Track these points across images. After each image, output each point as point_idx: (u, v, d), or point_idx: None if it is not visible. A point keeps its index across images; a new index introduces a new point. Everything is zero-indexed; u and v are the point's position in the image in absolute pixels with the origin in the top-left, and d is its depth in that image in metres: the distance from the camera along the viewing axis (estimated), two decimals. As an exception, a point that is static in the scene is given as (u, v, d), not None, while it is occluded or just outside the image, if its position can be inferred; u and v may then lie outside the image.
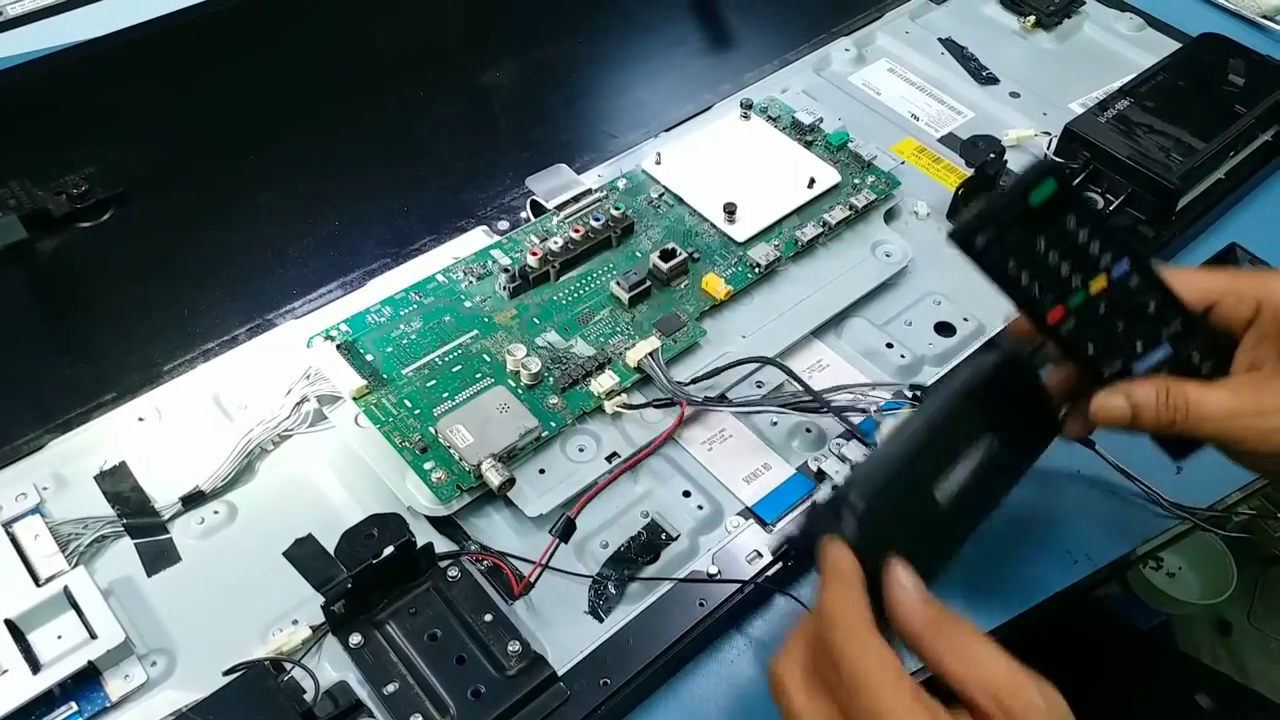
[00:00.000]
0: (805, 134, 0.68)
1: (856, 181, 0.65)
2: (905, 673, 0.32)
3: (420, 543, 0.46)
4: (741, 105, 0.69)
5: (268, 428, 0.53)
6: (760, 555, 0.49)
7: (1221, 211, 0.69)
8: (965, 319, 0.60)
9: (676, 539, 0.50)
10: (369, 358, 0.54)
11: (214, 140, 0.70)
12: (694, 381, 0.54)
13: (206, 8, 0.77)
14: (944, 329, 0.59)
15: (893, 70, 0.77)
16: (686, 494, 0.52)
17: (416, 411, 0.52)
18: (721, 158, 0.66)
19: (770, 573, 0.49)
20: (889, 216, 0.65)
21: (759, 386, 0.56)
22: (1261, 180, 0.72)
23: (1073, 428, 0.43)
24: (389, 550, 0.44)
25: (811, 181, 0.64)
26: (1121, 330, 0.38)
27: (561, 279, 0.59)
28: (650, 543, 0.50)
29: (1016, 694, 0.31)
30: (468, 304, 0.57)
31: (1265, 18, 0.85)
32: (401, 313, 0.56)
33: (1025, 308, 0.37)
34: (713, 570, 0.48)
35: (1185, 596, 1.07)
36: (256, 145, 0.70)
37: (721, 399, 0.54)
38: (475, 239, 0.63)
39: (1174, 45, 0.79)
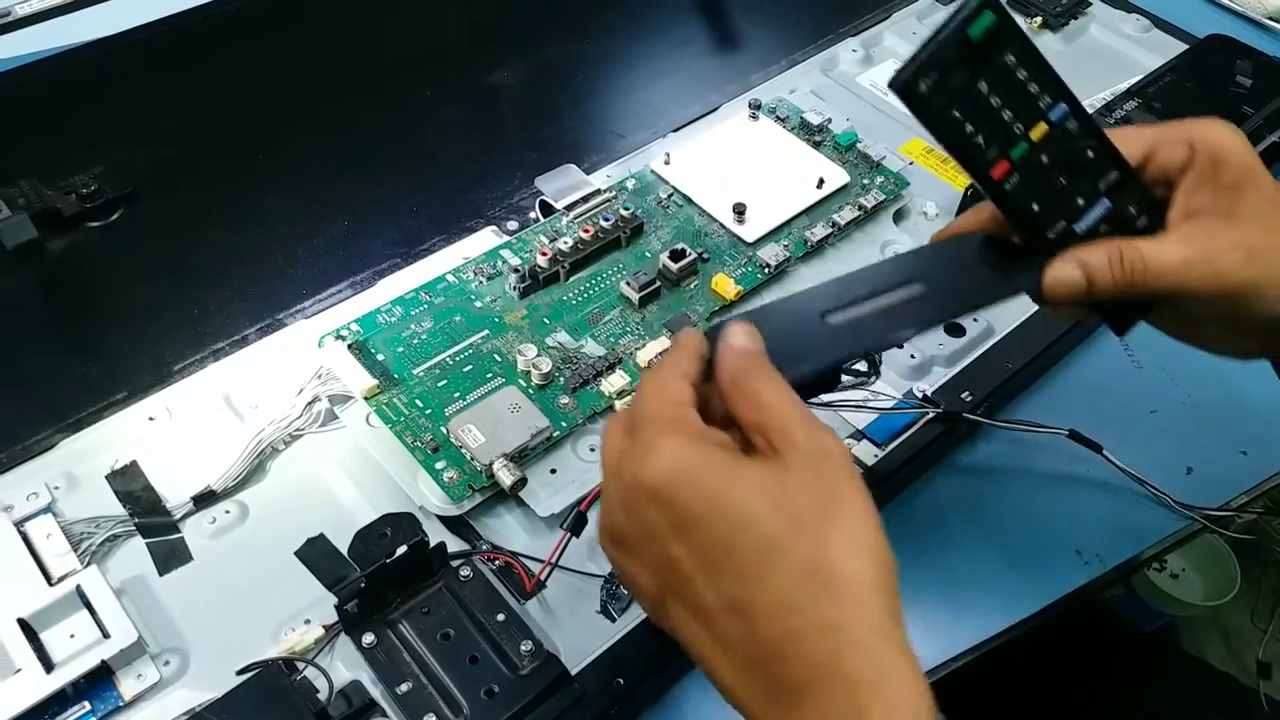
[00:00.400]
0: (814, 134, 0.68)
1: (865, 182, 0.66)
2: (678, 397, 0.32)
3: (433, 542, 0.46)
4: (750, 106, 0.69)
5: (279, 427, 0.53)
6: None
7: (1230, 213, 0.69)
8: (974, 319, 0.60)
9: (688, 539, 0.50)
10: (380, 357, 0.54)
11: (223, 140, 0.70)
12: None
13: (215, 8, 0.77)
14: (954, 329, 0.59)
15: (900, 71, 0.77)
16: (697, 494, 0.52)
17: (428, 411, 0.52)
18: (730, 158, 0.66)
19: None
20: (898, 217, 0.66)
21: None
22: (1269, 181, 0.72)
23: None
24: (402, 549, 0.44)
25: (820, 182, 0.64)
26: (1063, 184, 0.37)
27: (571, 279, 0.59)
28: (662, 543, 0.50)
29: (783, 429, 0.31)
30: (478, 304, 0.57)
31: (1272, 19, 0.85)
32: (412, 312, 0.56)
33: (970, 163, 0.36)
34: (725, 570, 0.48)
35: (1189, 598, 1.07)
36: (265, 145, 0.70)
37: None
38: (484, 239, 0.63)
39: (1181, 46, 0.79)
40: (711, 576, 0.30)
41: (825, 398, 0.54)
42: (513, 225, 0.64)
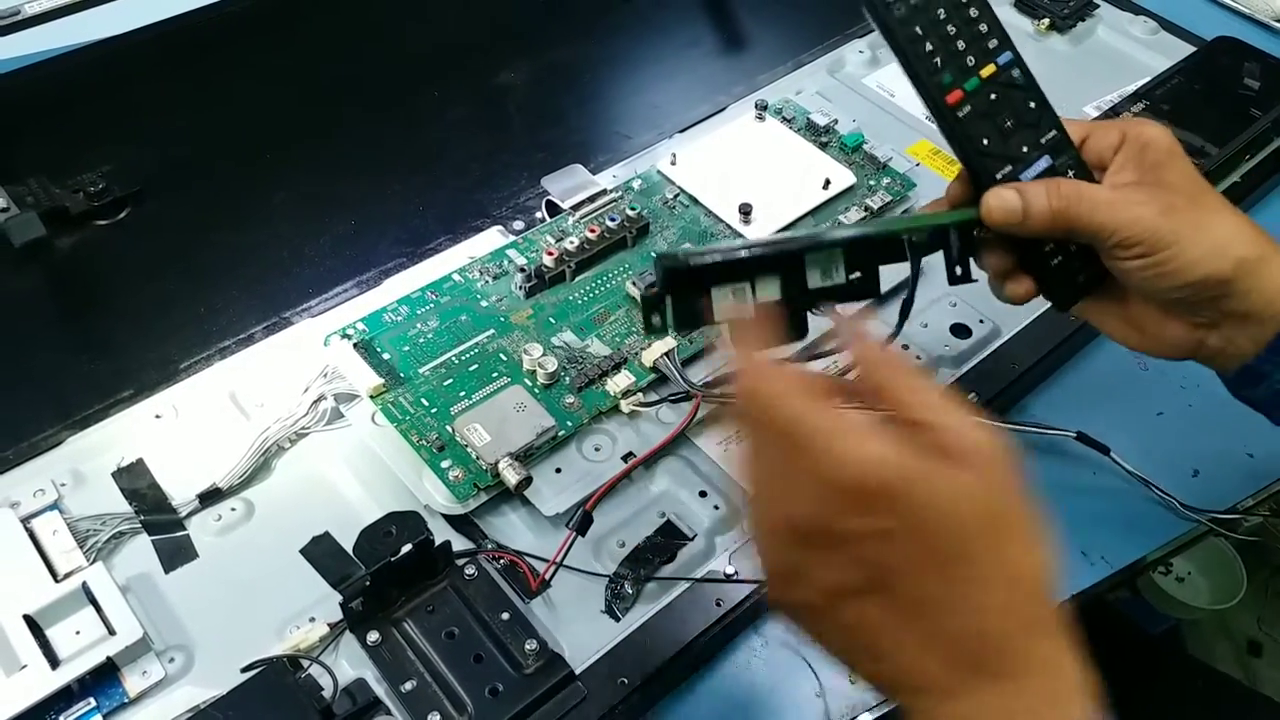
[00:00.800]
0: (820, 135, 0.68)
1: (872, 183, 0.65)
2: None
3: (438, 541, 0.46)
4: (756, 106, 0.69)
5: (285, 425, 0.53)
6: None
7: (1236, 215, 0.69)
8: (981, 320, 0.60)
9: (693, 539, 0.50)
10: (386, 356, 0.54)
11: (230, 140, 0.70)
12: (710, 382, 0.54)
13: (223, 7, 0.77)
14: (959, 330, 0.59)
15: (907, 73, 0.77)
16: (703, 494, 0.52)
17: (433, 410, 0.52)
18: (736, 159, 0.66)
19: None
20: (904, 218, 0.66)
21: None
22: (1277, 184, 0.72)
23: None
24: (407, 548, 0.44)
25: (827, 183, 0.64)
26: (1009, 126, 0.40)
27: (577, 279, 0.59)
28: (667, 542, 0.50)
29: (959, 431, 0.32)
30: (484, 303, 0.57)
31: (1279, 21, 0.85)
32: (418, 312, 0.56)
33: (927, 86, 0.39)
34: (729, 570, 0.48)
35: (1195, 601, 1.06)
36: (272, 145, 0.70)
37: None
38: (490, 239, 0.63)
39: (1188, 49, 0.79)
40: (922, 574, 0.31)
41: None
42: (519, 225, 0.65)
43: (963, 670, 0.31)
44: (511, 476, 0.48)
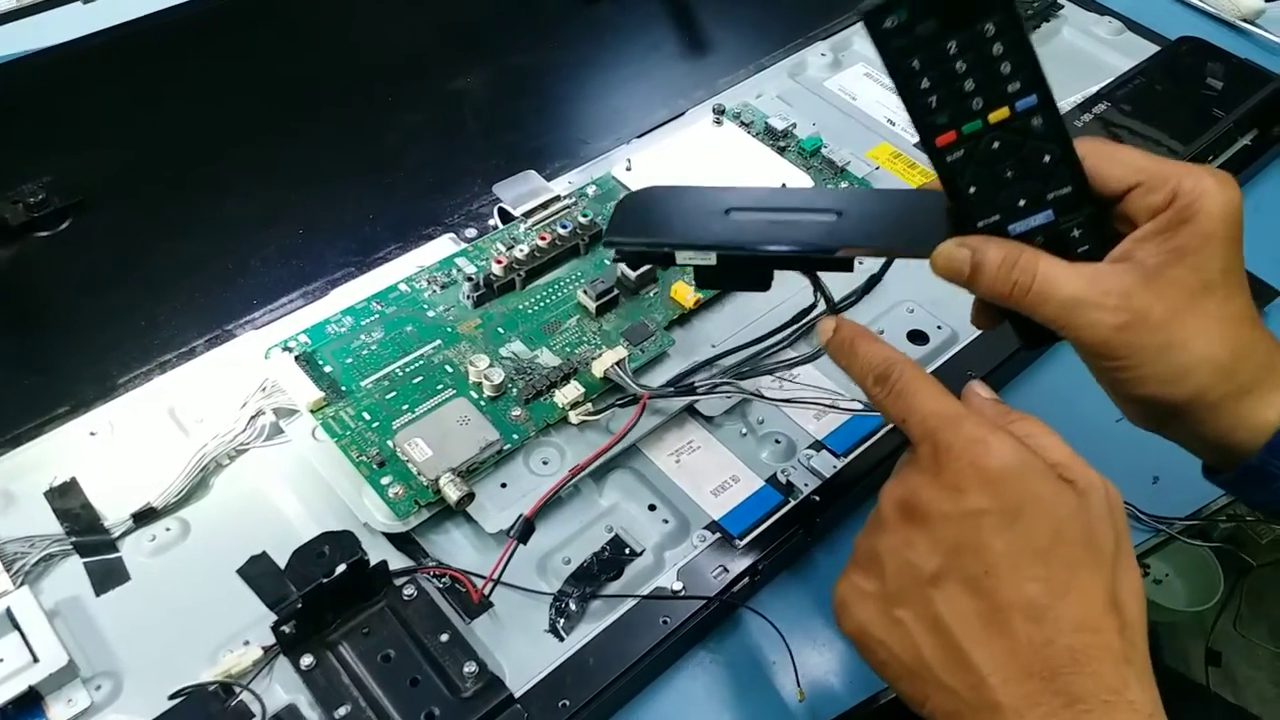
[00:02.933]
0: (778, 140, 0.67)
1: (830, 188, 0.64)
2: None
3: (376, 560, 0.45)
4: (714, 111, 0.68)
5: (223, 442, 0.51)
6: (726, 570, 0.48)
7: (1201, 216, 0.68)
8: (939, 326, 0.59)
9: (641, 554, 0.49)
10: (328, 369, 0.53)
11: (175, 149, 0.69)
12: (664, 388, 0.53)
13: (168, 14, 0.75)
14: (917, 337, 0.58)
15: (869, 75, 0.76)
16: (652, 508, 0.51)
17: (375, 424, 0.50)
18: (693, 164, 0.65)
19: (736, 589, 0.47)
20: (863, 223, 0.64)
21: (728, 398, 0.54)
22: (1242, 184, 0.71)
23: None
24: (341, 568, 0.43)
25: (783, 188, 0.63)
26: (1008, 178, 0.35)
27: (528, 288, 0.58)
28: (614, 558, 0.48)
29: (1071, 466, 0.33)
30: (431, 313, 0.56)
31: (1244, 20, 0.85)
32: (363, 323, 0.55)
33: (918, 120, 0.35)
34: (677, 587, 0.47)
35: (1172, 604, 1.06)
36: (219, 153, 0.69)
37: (686, 391, 0.53)
38: (442, 247, 0.62)
39: (1153, 49, 0.78)
40: (1017, 573, 0.31)
41: (782, 403, 0.53)
42: (471, 233, 0.63)
43: (1042, 687, 0.30)
44: (453, 493, 0.47)
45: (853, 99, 0.74)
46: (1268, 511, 0.39)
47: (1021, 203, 0.36)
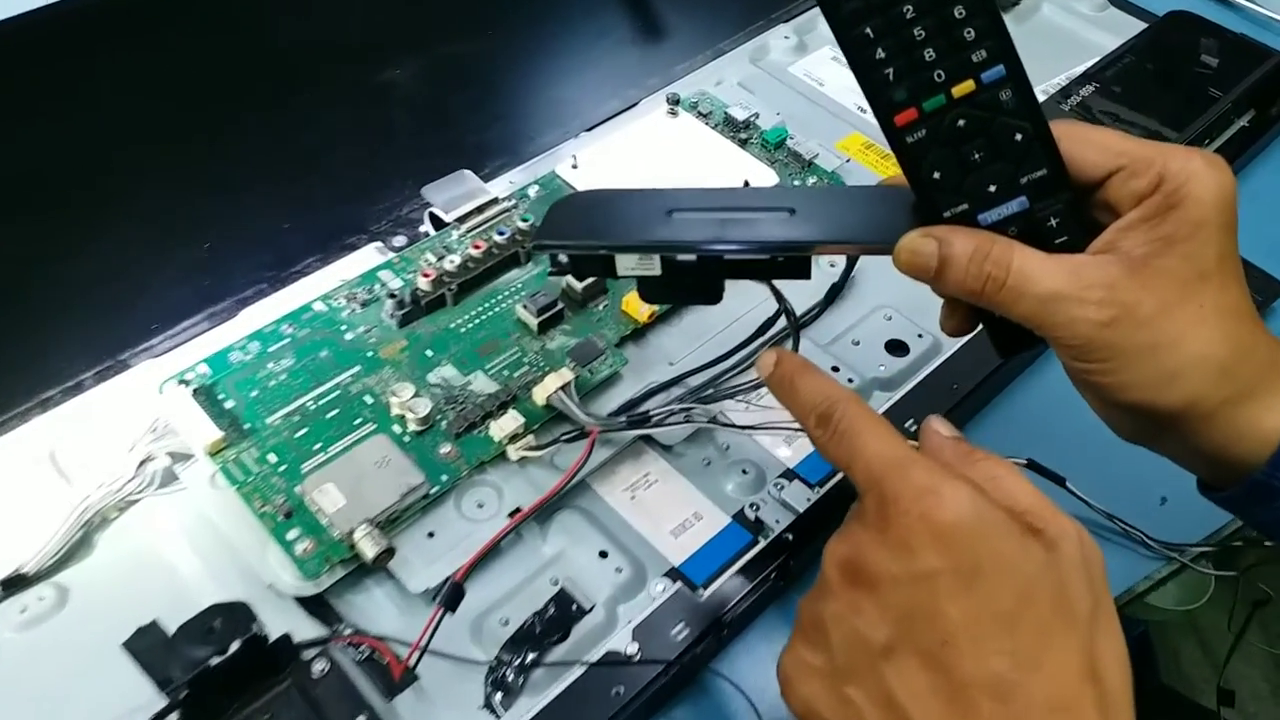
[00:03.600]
0: (739, 131, 0.61)
1: (797, 182, 0.59)
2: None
3: (280, 631, 0.39)
4: (668, 101, 0.62)
5: (109, 492, 0.45)
6: (688, 627, 0.42)
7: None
8: (919, 335, 0.53)
9: (590, 610, 0.42)
10: (229, 404, 0.46)
11: (65, 157, 0.62)
12: (615, 415, 0.47)
13: (56, 8, 0.68)
14: (896, 348, 0.52)
15: (837, 59, 0.70)
16: (604, 554, 0.45)
17: (282, 468, 0.44)
18: (645, 160, 0.59)
19: (699, 649, 0.41)
20: (834, 220, 0.59)
21: (689, 422, 0.48)
22: (1239, 169, 0.66)
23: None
24: (236, 645, 0.37)
25: (746, 184, 0.57)
26: (975, 160, 0.31)
27: (460, 303, 0.52)
28: (559, 616, 0.42)
29: (1041, 513, 0.29)
30: (349, 336, 0.50)
31: (1235, -6, 0.80)
32: (270, 349, 0.48)
33: (874, 97, 0.31)
34: (632, 650, 0.41)
35: (1161, 603, 1.02)
36: (115, 161, 0.62)
37: (640, 421, 0.47)
38: (368, 257, 0.55)
39: (1140, 25, 0.73)
40: (979, 645, 0.27)
41: (748, 429, 0.48)
42: (400, 241, 0.57)
43: None
44: (369, 549, 0.41)
45: (820, 85, 0.68)
46: (1272, 532, 0.34)
47: (992, 188, 0.31)
